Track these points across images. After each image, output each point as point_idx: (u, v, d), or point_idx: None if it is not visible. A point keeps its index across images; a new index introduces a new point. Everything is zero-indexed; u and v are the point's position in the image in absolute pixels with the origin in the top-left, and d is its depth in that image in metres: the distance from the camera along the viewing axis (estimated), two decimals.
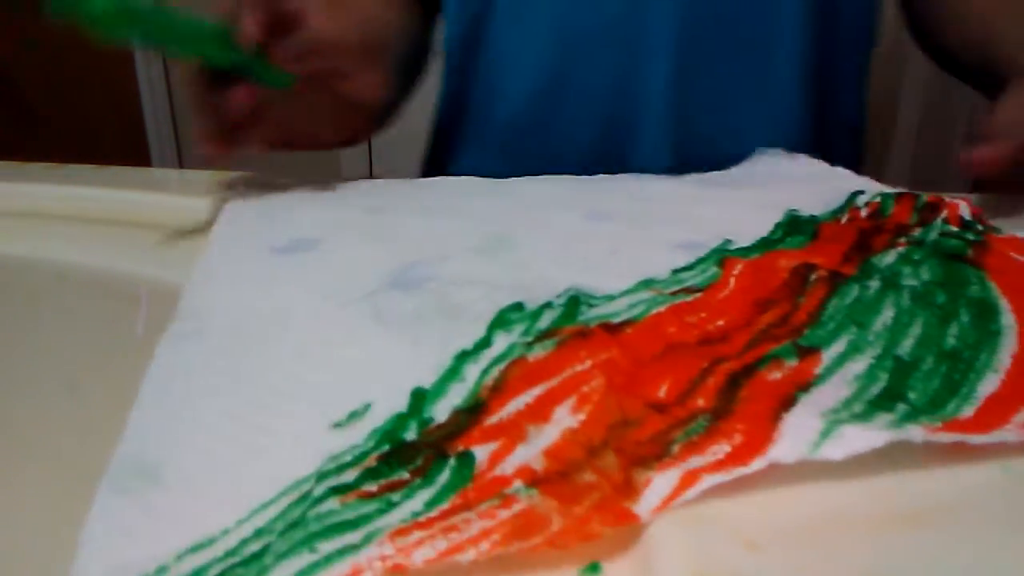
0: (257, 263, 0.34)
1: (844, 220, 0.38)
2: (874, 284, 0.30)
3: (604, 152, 0.50)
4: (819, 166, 0.46)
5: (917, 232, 0.35)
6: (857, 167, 0.45)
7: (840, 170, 0.44)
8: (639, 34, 0.48)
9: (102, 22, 0.34)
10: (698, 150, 0.48)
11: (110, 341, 0.30)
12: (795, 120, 0.50)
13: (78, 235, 0.40)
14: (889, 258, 0.33)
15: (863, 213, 0.38)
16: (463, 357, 0.26)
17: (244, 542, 0.19)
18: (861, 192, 0.40)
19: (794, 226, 0.37)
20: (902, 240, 0.34)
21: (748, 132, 0.49)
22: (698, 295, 0.30)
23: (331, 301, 0.30)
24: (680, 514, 0.19)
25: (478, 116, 0.53)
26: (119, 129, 2.25)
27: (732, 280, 0.31)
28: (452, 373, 0.25)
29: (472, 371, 0.25)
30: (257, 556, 0.18)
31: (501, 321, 0.28)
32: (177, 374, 0.26)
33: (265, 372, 0.26)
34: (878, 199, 0.39)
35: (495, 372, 0.25)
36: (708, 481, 0.19)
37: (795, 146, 0.48)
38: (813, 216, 0.38)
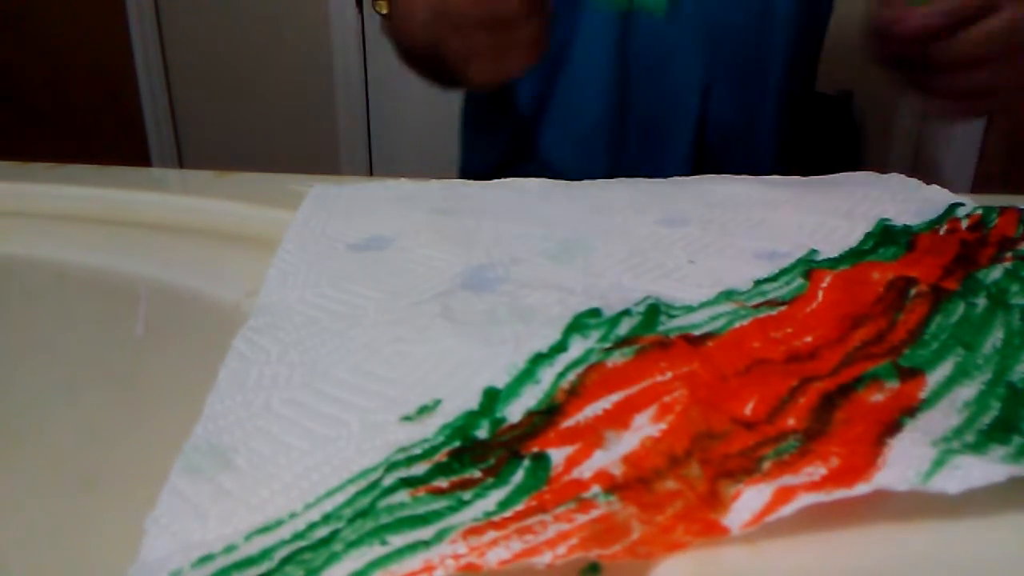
0: (332, 259, 0.35)
1: (942, 231, 0.37)
2: (981, 302, 0.29)
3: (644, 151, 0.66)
4: (910, 181, 0.45)
5: (1023, 247, 0.34)
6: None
7: (934, 187, 0.43)
8: (674, 72, 0.63)
9: None
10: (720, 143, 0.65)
11: (110, 341, 0.30)
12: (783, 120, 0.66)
13: (78, 235, 0.40)
14: (995, 274, 0.31)
15: (963, 225, 0.37)
16: (538, 360, 0.26)
17: (312, 526, 0.20)
18: (961, 204, 0.39)
19: (887, 236, 0.36)
20: (1008, 255, 0.33)
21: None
22: (783, 308, 0.29)
23: (402, 299, 0.31)
24: None
25: (559, 117, 0.66)
26: (119, 129, 2.25)
27: (820, 293, 0.30)
28: (526, 375, 0.25)
29: (547, 374, 0.25)
30: (325, 541, 0.19)
31: (577, 326, 0.28)
32: (252, 364, 0.27)
33: (336, 365, 0.27)
34: (980, 211, 0.38)
35: (572, 376, 0.25)
36: (804, 500, 0.19)
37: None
38: (907, 226, 0.37)
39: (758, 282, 0.32)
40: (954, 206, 0.39)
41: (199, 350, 0.30)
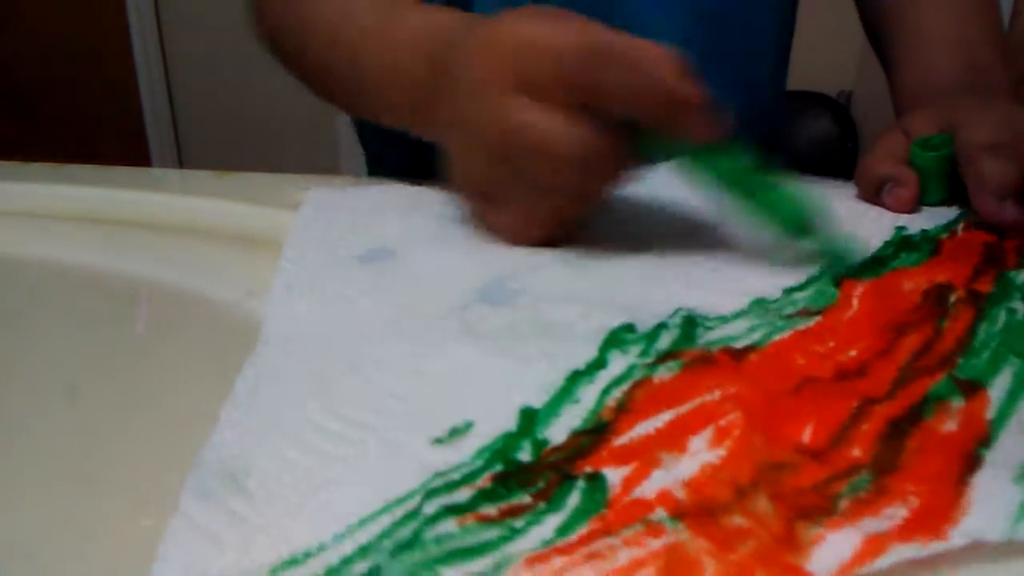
0: (338, 272, 0.33)
1: (960, 233, 0.36)
2: (1020, 306, 0.28)
3: None
4: None
5: None
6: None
7: None
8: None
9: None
10: None
11: (110, 341, 0.30)
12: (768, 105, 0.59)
13: (78, 235, 0.40)
14: None
15: (979, 228, 0.37)
16: (575, 377, 0.24)
17: (347, 560, 0.18)
18: (971, 210, 0.39)
19: (906, 243, 0.35)
20: None
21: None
22: (818, 318, 0.29)
23: (417, 315, 0.29)
24: None
25: None
26: (119, 129, 2.25)
27: (855, 302, 0.30)
28: (564, 393, 0.24)
29: (588, 392, 0.24)
30: None
31: (615, 341, 0.26)
32: (263, 383, 0.25)
33: (353, 385, 0.25)
34: None
35: (617, 393, 0.23)
36: (899, 553, 0.18)
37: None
38: (924, 231, 0.37)
39: (787, 290, 0.31)
40: (965, 211, 0.39)
41: (199, 350, 0.30)
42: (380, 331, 0.28)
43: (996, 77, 0.48)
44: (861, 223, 0.38)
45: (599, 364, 0.25)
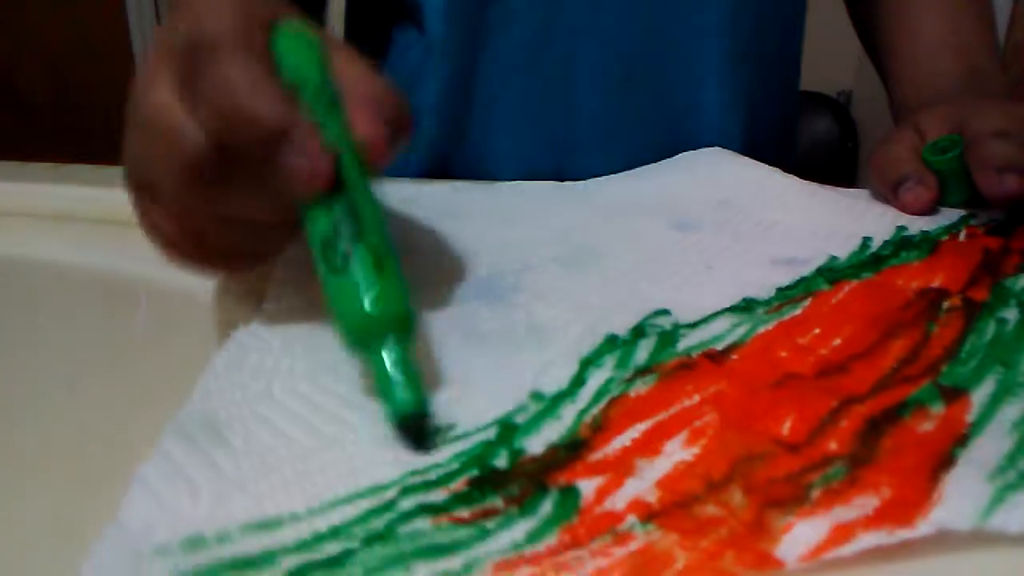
0: None
1: (962, 237, 0.36)
2: (1012, 315, 0.28)
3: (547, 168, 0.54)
4: None
5: None
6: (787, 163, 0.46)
7: None
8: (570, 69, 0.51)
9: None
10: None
11: (110, 341, 0.30)
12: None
13: (78, 235, 0.40)
14: (1023, 282, 0.31)
15: (982, 231, 0.37)
16: (558, 398, 0.24)
17: (320, 538, 0.18)
18: (974, 214, 0.39)
19: (905, 244, 0.35)
20: None
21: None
22: (805, 303, 0.29)
23: (416, 308, 0.30)
24: None
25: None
26: (119, 129, 2.25)
27: (843, 291, 0.30)
28: (546, 412, 0.24)
29: (569, 411, 0.24)
30: (339, 561, 0.18)
31: (593, 357, 0.26)
32: (251, 351, 0.25)
33: (343, 363, 0.25)
34: (998, 219, 0.38)
35: (594, 411, 0.23)
36: (866, 540, 0.18)
37: None
38: (925, 232, 0.37)
39: (780, 290, 0.31)
40: (970, 215, 0.39)
41: (199, 350, 0.30)
42: None
43: (995, 80, 0.48)
44: (862, 221, 0.38)
45: (579, 383, 0.25)
